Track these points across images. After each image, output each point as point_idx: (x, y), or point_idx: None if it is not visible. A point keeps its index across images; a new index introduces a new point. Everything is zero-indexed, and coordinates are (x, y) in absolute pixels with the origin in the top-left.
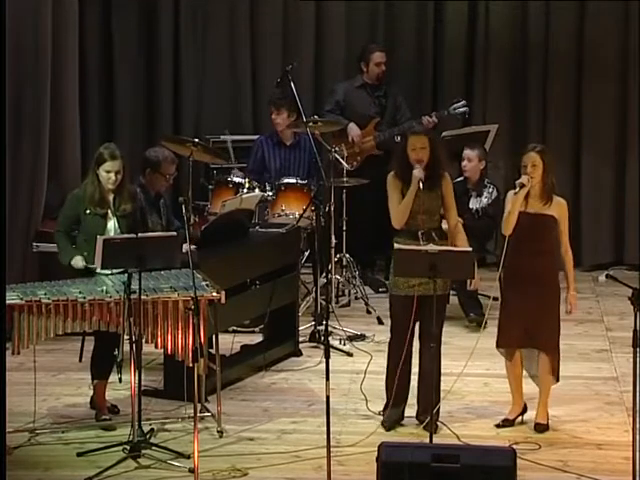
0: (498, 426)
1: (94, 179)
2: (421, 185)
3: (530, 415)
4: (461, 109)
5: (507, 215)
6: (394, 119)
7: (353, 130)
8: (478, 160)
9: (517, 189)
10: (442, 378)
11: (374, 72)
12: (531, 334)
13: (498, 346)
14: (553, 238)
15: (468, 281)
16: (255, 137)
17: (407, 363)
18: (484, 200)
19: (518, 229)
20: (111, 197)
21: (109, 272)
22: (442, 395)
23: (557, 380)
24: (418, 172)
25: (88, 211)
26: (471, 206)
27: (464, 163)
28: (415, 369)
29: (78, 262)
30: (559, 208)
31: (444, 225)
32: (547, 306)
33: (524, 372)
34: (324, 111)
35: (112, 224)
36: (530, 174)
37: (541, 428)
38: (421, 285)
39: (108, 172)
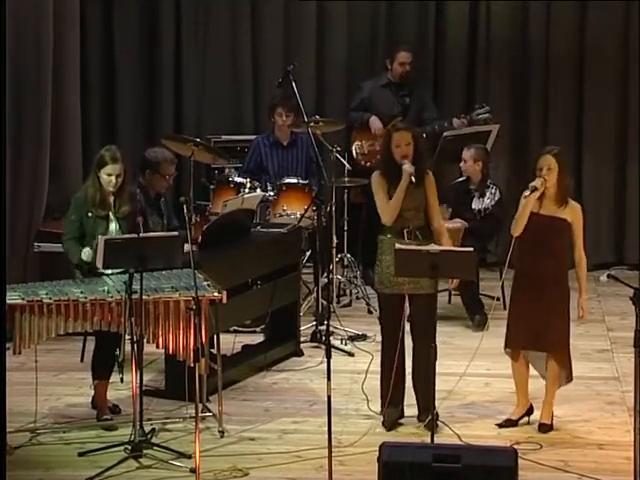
0: (500, 426)
1: (95, 181)
2: (413, 179)
3: (536, 415)
4: (484, 115)
5: (518, 217)
6: (419, 118)
7: (375, 123)
8: (473, 161)
9: (529, 192)
10: (444, 378)
11: (397, 71)
12: (539, 336)
13: (506, 347)
14: (565, 241)
15: None
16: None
17: (400, 362)
18: (487, 201)
19: (530, 230)
20: (112, 199)
21: (112, 272)
22: (444, 395)
23: (571, 379)
24: (408, 167)
25: (90, 213)
26: (474, 206)
27: (461, 163)
28: (409, 369)
29: (86, 253)
30: (573, 212)
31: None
32: (556, 308)
33: (534, 371)
34: (349, 109)
35: (114, 226)
36: (545, 177)
37: (545, 428)
38: (410, 283)
39: (109, 175)
